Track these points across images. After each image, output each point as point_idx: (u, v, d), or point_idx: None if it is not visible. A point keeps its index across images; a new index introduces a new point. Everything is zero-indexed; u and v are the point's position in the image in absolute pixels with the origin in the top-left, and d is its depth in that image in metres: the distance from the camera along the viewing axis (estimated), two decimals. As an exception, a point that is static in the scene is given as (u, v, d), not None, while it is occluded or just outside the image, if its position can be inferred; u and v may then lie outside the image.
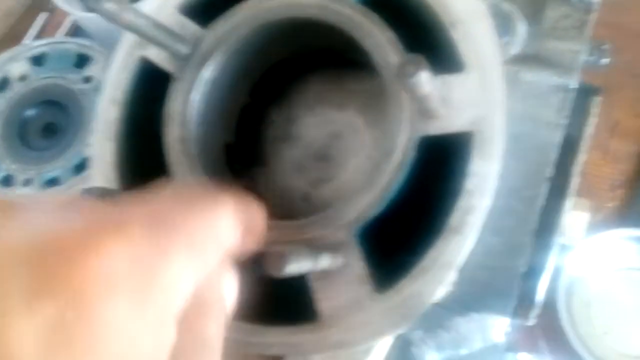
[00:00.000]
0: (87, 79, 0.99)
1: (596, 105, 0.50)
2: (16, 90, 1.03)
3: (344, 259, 0.34)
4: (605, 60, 0.53)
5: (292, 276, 0.30)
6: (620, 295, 0.71)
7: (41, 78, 1.03)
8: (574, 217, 0.50)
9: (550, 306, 0.69)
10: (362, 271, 0.34)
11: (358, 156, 0.43)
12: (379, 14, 0.36)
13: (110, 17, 0.34)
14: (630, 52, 0.81)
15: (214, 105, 0.41)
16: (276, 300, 0.36)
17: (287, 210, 0.45)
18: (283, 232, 0.36)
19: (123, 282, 0.20)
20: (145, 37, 0.37)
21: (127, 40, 0.41)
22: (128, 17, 0.34)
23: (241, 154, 0.45)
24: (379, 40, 0.35)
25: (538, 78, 0.46)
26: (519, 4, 0.48)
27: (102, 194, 0.32)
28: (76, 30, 1.20)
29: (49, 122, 1.03)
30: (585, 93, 0.54)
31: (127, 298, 0.20)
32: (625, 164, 0.78)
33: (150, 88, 0.41)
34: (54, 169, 0.98)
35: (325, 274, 0.34)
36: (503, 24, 0.46)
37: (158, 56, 0.40)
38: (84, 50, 1.01)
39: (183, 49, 0.39)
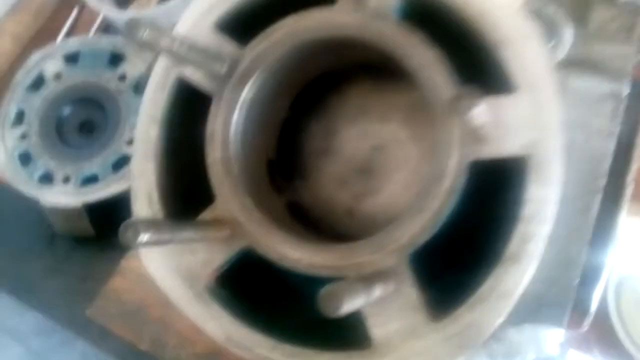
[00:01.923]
0: (122, 77, 0.99)
1: (649, 108, 0.47)
2: (51, 88, 1.04)
3: (395, 285, 0.33)
4: (655, 59, 0.50)
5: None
6: (671, 293, 0.69)
7: (75, 76, 1.03)
8: (630, 223, 0.49)
9: (600, 305, 0.67)
10: (415, 298, 0.33)
11: (403, 170, 0.42)
12: (421, 30, 0.35)
13: (148, 46, 0.33)
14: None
15: (255, 123, 0.40)
16: (326, 322, 0.36)
17: (331, 224, 0.45)
18: (331, 255, 0.35)
19: None
20: (183, 60, 0.36)
21: (164, 59, 0.41)
22: (165, 43, 0.34)
23: (282, 168, 0.45)
24: (424, 59, 0.34)
25: (588, 84, 0.44)
26: (564, 6, 0.45)
27: (147, 225, 0.31)
28: (109, 26, 1.20)
29: (85, 120, 1.03)
30: (636, 93, 0.51)
31: None
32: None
33: (188, 107, 0.41)
34: (92, 166, 0.98)
35: (377, 302, 0.34)
36: (548, 28, 0.44)
37: (195, 75, 0.39)
38: (117, 49, 1.00)
39: (220, 69, 0.38)
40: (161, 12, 1.07)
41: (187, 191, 0.41)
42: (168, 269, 0.39)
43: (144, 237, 0.31)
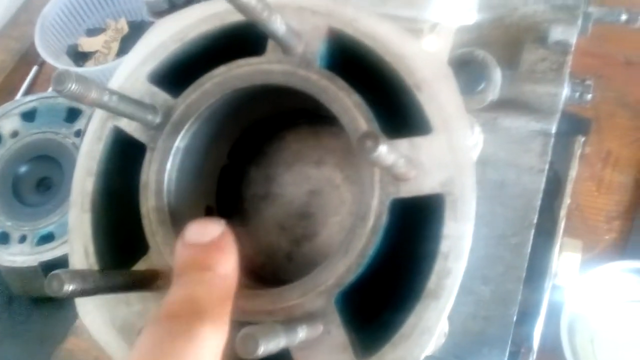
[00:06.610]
0: (78, 133, 0.99)
1: (580, 146, 0.49)
2: (8, 146, 1.04)
3: (324, 327, 0.34)
4: (589, 96, 0.52)
5: (267, 355, 0.29)
6: (623, 329, 0.70)
7: (32, 133, 1.04)
8: (566, 258, 0.50)
9: (554, 344, 0.68)
10: (343, 339, 0.34)
11: (339, 213, 0.43)
12: (345, 78, 0.36)
13: (75, 98, 0.34)
14: (618, 82, 0.81)
15: (191, 171, 0.41)
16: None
17: (272, 270, 0.45)
18: (261, 301, 0.35)
19: None
20: (114, 112, 0.37)
21: (100, 111, 0.41)
22: (93, 96, 0.34)
23: (222, 215, 0.45)
24: (346, 104, 0.35)
25: (517, 124, 0.46)
26: (494, 49, 0.47)
27: (72, 275, 0.31)
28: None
29: (42, 177, 1.03)
30: (572, 128, 0.53)
31: None
32: (620, 194, 0.76)
33: (125, 158, 0.41)
34: (48, 224, 0.98)
35: (306, 343, 0.34)
36: (478, 71, 0.46)
37: (130, 126, 0.40)
38: (74, 105, 1.01)
39: (154, 119, 0.39)
40: (118, 66, 1.09)
41: (124, 243, 0.41)
42: (103, 321, 0.38)
43: (69, 287, 0.31)
